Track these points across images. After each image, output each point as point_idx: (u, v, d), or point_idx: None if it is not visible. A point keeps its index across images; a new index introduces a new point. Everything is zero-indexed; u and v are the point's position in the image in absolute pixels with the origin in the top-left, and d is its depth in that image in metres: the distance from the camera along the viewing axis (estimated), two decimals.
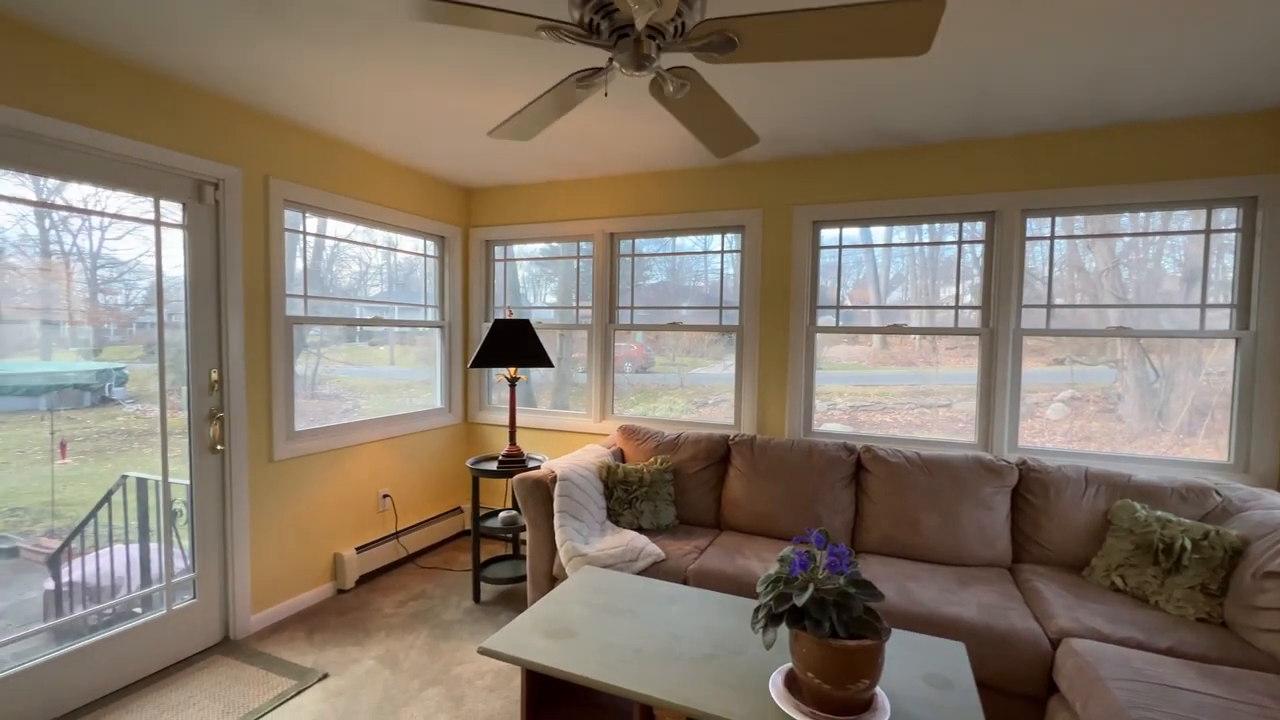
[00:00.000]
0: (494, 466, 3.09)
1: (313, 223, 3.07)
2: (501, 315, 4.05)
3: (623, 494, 2.89)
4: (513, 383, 3.21)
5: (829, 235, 3.24)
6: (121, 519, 2.38)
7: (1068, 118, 2.58)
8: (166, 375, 2.44)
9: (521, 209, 3.90)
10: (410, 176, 3.57)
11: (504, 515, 3.15)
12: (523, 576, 3.09)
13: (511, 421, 3.22)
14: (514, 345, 3.05)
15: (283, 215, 2.82)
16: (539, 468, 2.89)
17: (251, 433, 2.72)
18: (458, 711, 2.20)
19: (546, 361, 3.11)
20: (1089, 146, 2.72)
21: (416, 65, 2.19)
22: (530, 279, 4.21)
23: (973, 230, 2.99)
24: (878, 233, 3.23)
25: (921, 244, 3.18)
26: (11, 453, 2.07)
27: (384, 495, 3.47)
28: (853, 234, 3.23)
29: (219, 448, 2.59)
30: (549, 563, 2.71)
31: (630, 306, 3.72)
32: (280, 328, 2.82)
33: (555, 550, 2.70)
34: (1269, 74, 2.15)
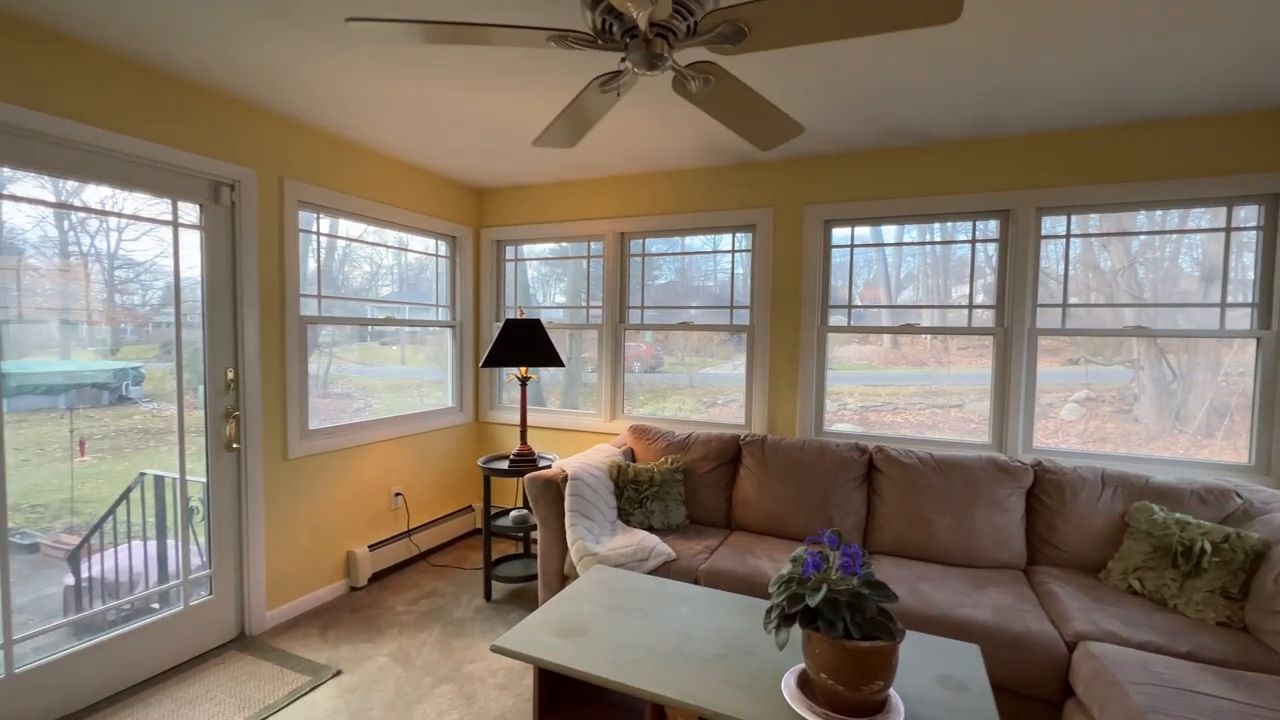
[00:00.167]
0: (505, 465, 3.10)
1: (325, 223, 3.10)
2: (512, 315, 4.07)
3: (633, 493, 2.89)
4: (524, 382, 3.22)
5: (840, 234, 3.22)
6: (139, 516, 2.41)
7: (1084, 115, 2.55)
8: (183, 374, 2.47)
9: (533, 209, 3.91)
10: (422, 177, 3.59)
11: (515, 514, 3.16)
12: (533, 575, 3.10)
13: (523, 421, 3.23)
14: (526, 345, 3.06)
15: (297, 216, 2.84)
16: (550, 467, 2.89)
17: (266, 431, 2.75)
18: (470, 709, 2.21)
19: (558, 361, 3.12)
20: (1106, 144, 2.68)
21: (428, 67, 2.20)
22: (539, 279, 4.22)
23: (985, 229, 2.97)
24: (888, 232, 3.21)
25: (933, 243, 3.15)
26: (32, 450, 2.10)
27: (396, 494, 3.49)
28: (863, 233, 3.21)
29: (235, 446, 2.62)
30: (560, 561, 2.72)
31: (641, 306, 3.72)
32: (295, 327, 2.84)
33: (566, 549, 2.70)
34: None
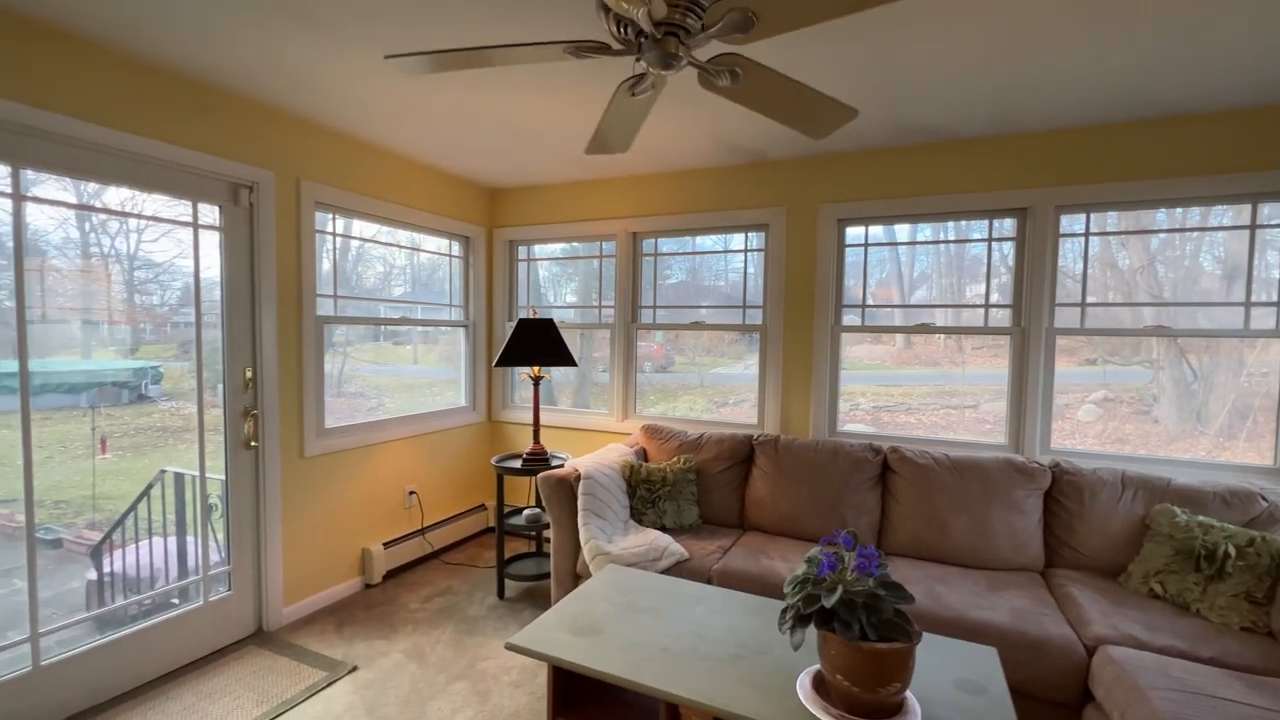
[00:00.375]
0: (518, 464, 3.11)
1: (339, 224, 3.13)
2: (525, 315, 4.08)
3: (646, 493, 2.89)
4: (536, 381, 3.23)
5: (854, 233, 3.20)
6: (160, 513, 2.45)
7: (1104, 111, 2.51)
8: (203, 373, 2.50)
9: (546, 209, 3.92)
10: (436, 177, 3.61)
11: (528, 513, 3.18)
12: (546, 574, 3.11)
13: (535, 420, 3.25)
14: (539, 344, 3.07)
15: (314, 217, 2.87)
16: (562, 466, 2.90)
17: (284, 429, 2.78)
18: (483, 706, 2.22)
19: (571, 360, 3.12)
20: (1127, 140, 2.64)
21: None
22: (550, 279, 4.23)
23: (1001, 228, 2.93)
24: (902, 231, 3.18)
25: (948, 241, 3.12)
26: (54, 447, 2.14)
27: (410, 492, 3.52)
28: (876, 232, 3.18)
29: (253, 444, 2.65)
30: (573, 560, 2.73)
31: (653, 306, 3.72)
32: (311, 327, 2.87)
33: (579, 548, 2.71)
34: None
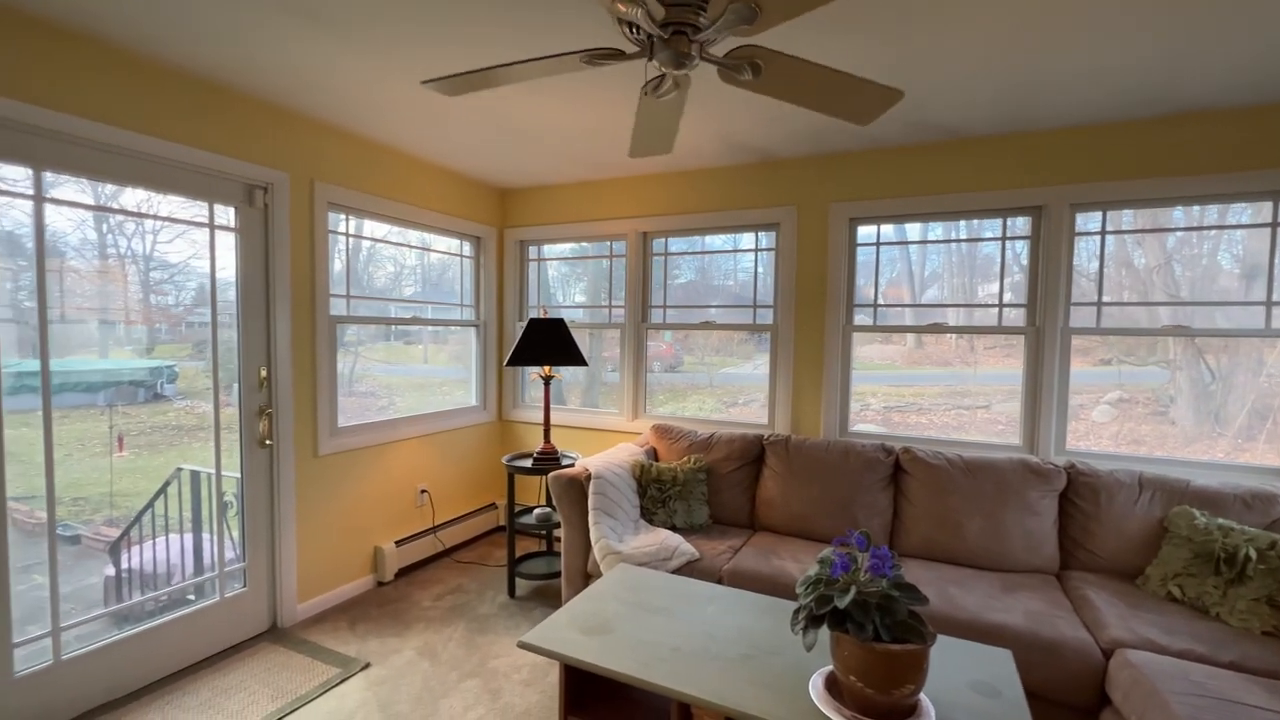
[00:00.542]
0: (529, 464, 3.12)
1: (351, 224, 3.15)
2: (535, 314, 4.09)
3: (656, 493, 2.89)
4: (547, 381, 3.24)
5: (865, 232, 3.18)
6: (176, 510, 2.48)
7: (1120, 108, 2.48)
8: (218, 372, 2.53)
9: (556, 209, 3.93)
10: (448, 178, 3.63)
11: (539, 512, 3.18)
12: (557, 573, 3.12)
13: (546, 419, 3.25)
14: (550, 344, 3.08)
15: (327, 217, 2.89)
16: (573, 465, 2.91)
17: (298, 428, 2.80)
18: (495, 704, 2.23)
19: (581, 360, 3.13)
20: (1143, 137, 2.60)
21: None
22: (560, 279, 4.24)
23: (1014, 226, 2.90)
24: (913, 230, 3.16)
25: (960, 240, 3.09)
26: (73, 445, 2.17)
27: (422, 490, 3.54)
28: (887, 231, 3.16)
29: (267, 442, 2.68)
30: (583, 559, 2.73)
31: (663, 305, 3.71)
32: (325, 327, 2.89)
33: (590, 547, 2.71)
34: None
